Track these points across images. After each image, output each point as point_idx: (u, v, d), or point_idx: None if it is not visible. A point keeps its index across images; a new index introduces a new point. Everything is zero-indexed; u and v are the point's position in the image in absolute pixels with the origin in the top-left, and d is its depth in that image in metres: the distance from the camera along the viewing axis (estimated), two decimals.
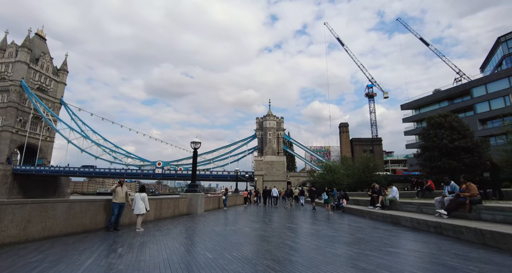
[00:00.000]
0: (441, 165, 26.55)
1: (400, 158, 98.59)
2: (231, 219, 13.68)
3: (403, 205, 11.74)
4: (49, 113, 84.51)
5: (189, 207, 16.14)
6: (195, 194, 16.44)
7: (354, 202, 18.59)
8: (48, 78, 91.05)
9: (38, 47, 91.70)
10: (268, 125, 77.87)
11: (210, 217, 14.10)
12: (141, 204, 9.85)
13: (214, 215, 15.27)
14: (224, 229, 9.54)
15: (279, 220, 12.87)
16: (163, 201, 13.59)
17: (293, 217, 14.85)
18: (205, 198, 18.25)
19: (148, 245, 6.49)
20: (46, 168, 79.53)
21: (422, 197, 15.19)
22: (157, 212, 13.03)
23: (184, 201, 15.83)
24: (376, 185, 14.95)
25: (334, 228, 9.54)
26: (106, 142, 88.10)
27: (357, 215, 14.51)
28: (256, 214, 17.22)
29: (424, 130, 29.91)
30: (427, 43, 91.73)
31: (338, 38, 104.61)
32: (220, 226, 10.41)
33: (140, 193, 10.15)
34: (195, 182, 17.20)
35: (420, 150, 30.17)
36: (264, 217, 15.00)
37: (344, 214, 16.14)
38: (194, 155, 17.30)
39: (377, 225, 10.08)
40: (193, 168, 17.38)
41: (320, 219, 13.11)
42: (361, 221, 11.60)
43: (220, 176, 74.02)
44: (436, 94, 62.05)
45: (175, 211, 14.72)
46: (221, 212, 17.77)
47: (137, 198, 9.90)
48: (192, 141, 17.31)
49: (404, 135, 67.27)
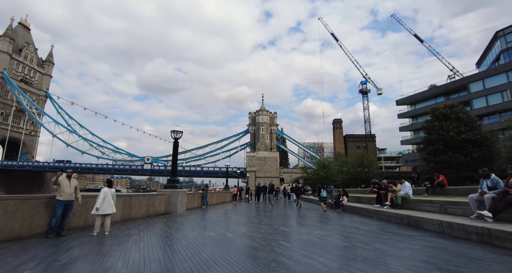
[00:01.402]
0: (447, 159, 24.73)
1: (393, 155, 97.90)
2: (214, 220, 11.59)
3: (420, 203, 9.79)
4: (32, 106, 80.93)
5: (167, 206, 13.99)
6: (175, 190, 14.25)
7: (355, 199, 16.64)
8: (33, 70, 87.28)
9: (21, 37, 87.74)
10: (261, 120, 75.73)
11: (189, 218, 11.99)
12: (111, 202, 7.94)
13: (195, 215, 13.16)
14: (201, 235, 7.45)
15: (270, 222, 10.82)
16: (133, 199, 11.41)
17: (286, 218, 12.85)
18: (188, 195, 16.15)
19: (75, 264, 4.40)
20: (29, 164, 76.29)
21: (433, 194, 13.36)
22: (125, 211, 10.88)
23: (161, 198, 13.67)
24: (384, 181, 13.02)
25: (342, 234, 7.51)
26: (94, 136, 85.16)
27: (362, 215, 12.56)
28: (245, 213, 15.17)
29: (428, 122, 28.09)
30: (421, 40, 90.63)
31: (332, 33, 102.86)
32: (196, 230, 8.31)
33: (109, 188, 8.14)
34: (175, 177, 15.01)
35: (423, 143, 28.41)
36: (253, 217, 12.96)
37: (344, 213, 14.19)
38: (174, 146, 15.13)
39: (391, 228, 8.14)
40: (173, 161, 15.19)
41: (320, 220, 11.12)
42: (369, 223, 9.65)
43: (211, 172, 71.79)
44: (432, 89, 60.85)
45: (150, 211, 12.57)
46: (205, 212, 15.66)
47: (107, 194, 7.87)
48: (172, 130, 15.15)
49: (399, 131, 66.08)
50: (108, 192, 7.93)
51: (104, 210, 7.74)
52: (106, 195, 7.85)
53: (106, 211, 7.79)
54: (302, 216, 13.26)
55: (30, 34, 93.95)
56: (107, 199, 7.84)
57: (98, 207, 7.63)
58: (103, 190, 7.92)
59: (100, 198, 7.76)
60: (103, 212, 7.73)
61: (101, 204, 7.69)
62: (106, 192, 7.89)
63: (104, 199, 7.79)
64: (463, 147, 24.52)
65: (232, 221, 10.95)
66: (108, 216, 7.88)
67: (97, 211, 7.63)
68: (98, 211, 7.64)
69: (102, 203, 7.70)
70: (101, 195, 7.83)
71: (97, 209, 7.63)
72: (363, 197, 15.73)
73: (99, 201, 7.70)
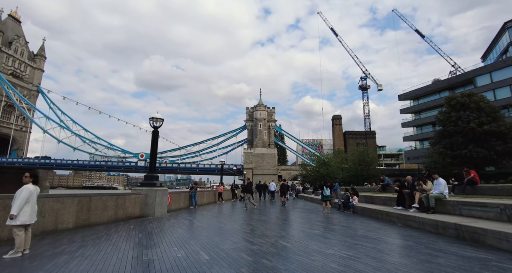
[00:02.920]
0: (467, 154, 22.07)
1: (393, 152, 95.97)
2: (194, 227, 9.14)
3: (463, 207, 7.40)
4: (23, 101, 78.11)
5: (143, 207, 11.56)
6: (152, 189, 11.78)
7: (366, 199, 14.24)
8: (23, 64, 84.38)
9: (11, 29, 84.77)
10: (258, 116, 73.21)
11: (165, 224, 9.54)
12: (36, 208, 5.55)
13: (175, 220, 10.73)
14: (163, 256, 5.06)
15: (266, 230, 8.37)
16: (93, 199, 8.99)
17: (286, 224, 10.46)
18: (170, 195, 13.75)
19: None
20: (19, 160, 73.62)
21: (463, 194, 11.06)
22: (81, 216, 8.48)
23: (135, 199, 11.22)
24: (408, 177, 10.62)
25: (372, 255, 4.98)
26: (88, 133, 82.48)
27: (380, 220, 10.17)
28: (236, 216, 12.78)
29: (443, 113, 25.56)
30: (423, 35, 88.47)
31: (332, 28, 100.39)
32: (161, 246, 5.88)
33: (35, 185, 5.67)
34: (153, 173, 12.58)
35: (436, 137, 25.94)
36: (245, 222, 10.57)
37: (356, 216, 11.80)
38: (153, 136, 12.70)
39: (436, 242, 5.81)
40: (152, 153, 12.74)
41: (331, 229, 8.70)
42: (398, 233, 7.30)
43: (207, 169, 69.35)
44: (436, 83, 58.68)
45: (119, 214, 10.16)
46: (189, 214, 13.24)
47: (33, 195, 5.45)
48: (151, 117, 12.72)
49: (401, 127, 64.00)
50: (34, 192, 5.50)
51: (27, 218, 5.29)
52: (31, 196, 5.40)
53: (30, 220, 5.37)
54: (306, 221, 10.85)
55: (21, 26, 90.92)
56: (32, 203, 5.40)
57: (16, 214, 5.16)
58: (26, 188, 5.41)
59: (19, 200, 5.19)
60: (26, 221, 5.28)
61: (21, 209, 5.22)
62: (31, 192, 5.43)
63: (28, 202, 5.32)
64: (485, 140, 21.94)
65: (217, 229, 8.54)
66: (27, 228, 5.44)
67: (15, 221, 5.17)
68: (17, 220, 5.18)
69: (23, 207, 5.25)
70: (23, 195, 5.25)
71: (14, 217, 5.16)
72: (376, 197, 13.33)
73: (18, 204, 5.20)
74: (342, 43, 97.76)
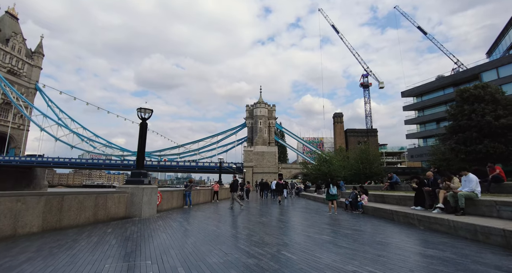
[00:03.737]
0: (482, 149, 20.77)
1: (394, 150, 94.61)
2: (183, 231, 7.81)
3: (503, 208, 6.14)
4: (20, 98, 76.94)
5: (129, 207, 10.30)
6: (139, 187, 10.49)
7: (376, 198, 12.93)
8: (21, 61, 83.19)
9: (8, 26, 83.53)
10: (259, 113, 71.83)
11: (149, 227, 8.27)
12: None
13: (163, 221, 9.46)
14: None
15: (265, 236, 7.10)
16: (66, 198, 7.73)
17: (288, 227, 9.21)
18: (161, 193, 12.51)
19: None
20: (16, 159, 72.56)
21: (487, 192, 9.80)
22: (50, 218, 7.23)
23: (119, 198, 9.96)
24: (429, 173, 9.30)
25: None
26: (86, 131, 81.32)
27: (396, 222, 8.88)
28: (231, 218, 11.51)
29: (455, 106, 24.14)
30: (425, 32, 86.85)
31: (333, 25, 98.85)
32: (129, 259, 4.68)
33: None
34: (141, 169, 11.30)
35: (448, 132, 24.53)
36: (242, 225, 9.31)
37: (367, 217, 10.52)
38: (141, 128, 11.42)
39: (480, 253, 4.57)
40: (140, 148, 11.45)
41: (342, 233, 7.38)
42: (425, 239, 6.08)
43: (207, 167, 68.07)
44: (440, 79, 57.35)
45: (99, 215, 8.91)
46: (181, 215, 11.99)
47: None
48: (139, 108, 11.45)
49: (404, 124, 62.71)
50: None
51: None
52: None
53: None
54: (312, 223, 9.52)
55: (18, 23, 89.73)
56: None
57: None
58: None
59: None
60: None
61: None
62: None
63: None
64: (503, 134, 20.63)
65: (208, 233, 7.26)
66: None
67: None
68: None
69: None
70: None
71: None
72: (388, 196, 12.00)
73: None
74: (344, 41, 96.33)
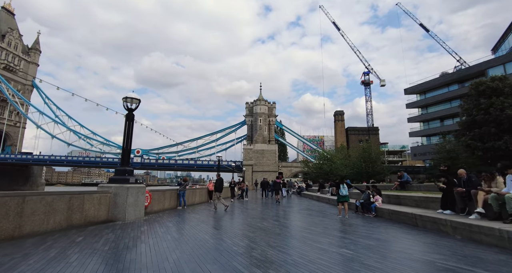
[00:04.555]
0: (502, 146, 19.51)
1: (395, 149, 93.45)
2: (169, 239, 6.68)
3: None
4: (15, 95, 75.66)
5: (112, 209, 9.12)
6: (124, 186, 9.35)
7: (390, 199, 11.56)
8: (17, 57, 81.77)
9: (4, 22, 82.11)
10: (258, 111, 70.57)
11: (129, 235, 7.03)
12: None
13: (148, 226, 8.28)
14: None
15: (267, 250, 5.94)
16: (28, 200, 6.50)
17: (297, 234, 8.01)
18: (150, 193, 11.32)
19: None
20: (11, 156, 71.33)
21: None
22: (5, 224, 6.04)
23: (101, 198, 8.77)
24: (461, 171, 7.96)
25: None
26: (83, 128, 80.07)
27: (420, 228, 7.68)
28: (228, 222, 10.31)
29: (469, 100, 22.64)
30: (427, 29, 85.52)
31: (334, 22, 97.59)
32: None
33: None
34: (127, 166, 10.11)
35: (462, 128, 23.13)
36: (238, 233, 8.09)
37: (382, 222, 9.29)
38: (127, 120, 10.23)
39: None
40: (126, 142, 10.25)
41: (364, 244, 5.80)
42: (476, 255, 4.90)
43: (205, 165, 66.89)
44: (445, 76, 56.09)
45: (74, 218, 7.71)
46: (172, 218, 10.79)
47: None
48: (125, 97, 10.24)
49: (407, 122, 61.52)
50: None
51: None
52: None
53: None
54: (323, 230, 8.14)
55: (15, 19, 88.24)
56: None
57: None
58: None
59: None
60: None
61: None
62: None
63: None
64: None
65: (198, 245, 6.02)
66: None
67: None
68: None
69: None
70: None
71: None
72: (405, 197, 10.66)
73: None
74: (345, 38, 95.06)
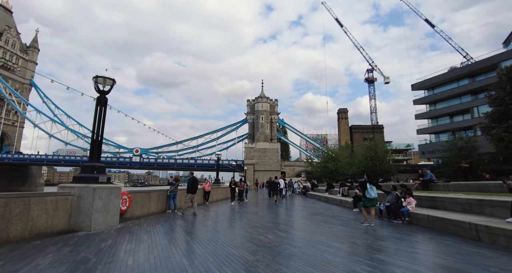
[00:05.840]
0: None
1: (400, 147, 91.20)
2: (134, 265, 4.78)
3: None
4: (13, 94, 74.21)
5: (75, 216, 7.19)
6: (90, 186, 7.37)
7: (420, 202, 9.48)
8: (15, 56, 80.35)
9: (1, 19, 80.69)
10: (260, 108, 68.52)
11: (78, 256, 5.08)
12: None
13: (119, 239, 6.29)
14: None
15: None
16: None
17: (316, 256, 5.98)
18: (129, 195, 9.37)
19: None
20: (9, 156, 69.88)
21: None
22: None
23: (57, 202, 6.81)
24: None
25: None
26: (82, 128, 78.58)
27: (483, 244, 5.71)
28: (224, 230, 8.36)
29: (498, 89, 20.39)
30: (433, 25, 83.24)
31: (336, 18, 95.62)
32: None
33: None
34: (95, 162, 8.15)
35: (490, 119, 20.99)
36: (238, 246, 6.12)
37: (421, 230, 7.22)
38: (98, 103, 8.29)
39: None
40: (97, 132, 8.30)
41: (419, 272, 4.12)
42: None
43: (206, 165, 65.03)
44: (455, 70, 53.88)
45: (11, 231, 5.79)
46: (155, 225, 8.82)
47: None
48: (96, 76, 8.29)
49: (415, 119, 59.34)
50: None
51: None
52: None
53: None
54: (354, 250, 5.75)
55: (13, 17, 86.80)
56: None
57: None
58: None
59: None
60: None
61: None
62: None
63: None
64: None
65: (176, 268, 4.10)
66: None
67: None
68: None
69: None
70: None
71: None
72: (445, 200, 8.46)
73: None
74: (348, 34, 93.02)
